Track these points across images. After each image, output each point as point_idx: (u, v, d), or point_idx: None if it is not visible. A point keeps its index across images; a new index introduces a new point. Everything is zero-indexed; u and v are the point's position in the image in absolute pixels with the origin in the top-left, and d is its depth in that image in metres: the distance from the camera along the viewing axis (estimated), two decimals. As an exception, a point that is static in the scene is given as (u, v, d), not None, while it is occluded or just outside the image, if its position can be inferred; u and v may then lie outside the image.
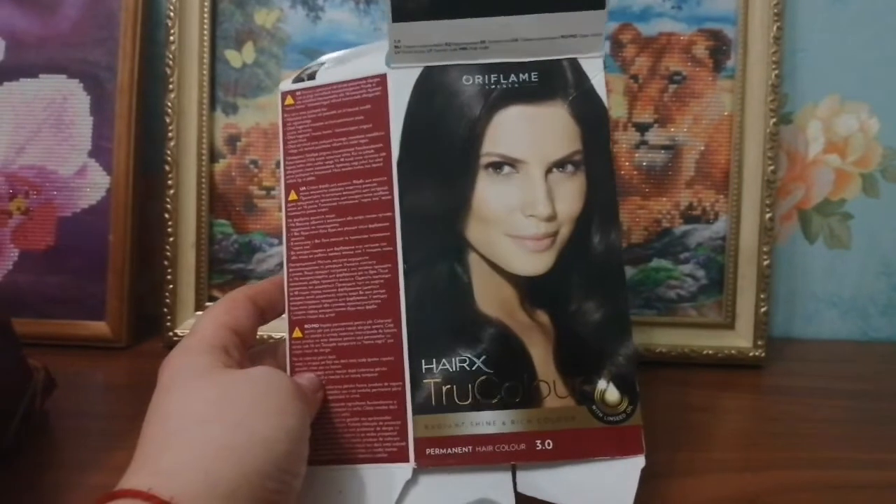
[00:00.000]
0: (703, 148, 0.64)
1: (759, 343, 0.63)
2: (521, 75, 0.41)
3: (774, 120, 0.63)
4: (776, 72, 0.63)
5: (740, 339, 0.64)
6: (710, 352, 0.63)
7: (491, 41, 0.40)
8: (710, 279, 0.65)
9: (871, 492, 0.45)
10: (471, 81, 0.41)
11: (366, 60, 0.43)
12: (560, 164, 0.40)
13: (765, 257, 0.63)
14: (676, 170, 0.64)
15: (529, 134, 0.40)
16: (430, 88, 0.41)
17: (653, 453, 0.39)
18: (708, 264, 0.65)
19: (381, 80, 0.41)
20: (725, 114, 0.64)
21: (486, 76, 0.41)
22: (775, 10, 0.63)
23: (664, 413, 0.54)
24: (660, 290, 0.65)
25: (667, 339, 0.64)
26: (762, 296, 0.63)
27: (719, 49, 0.64)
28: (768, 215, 0.63)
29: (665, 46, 0.64)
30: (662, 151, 0.64)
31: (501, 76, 0.41)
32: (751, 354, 0.63)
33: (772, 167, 0.63)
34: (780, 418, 0.55)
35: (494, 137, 0.40)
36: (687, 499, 0.44)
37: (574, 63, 0.41)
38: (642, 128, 0.64)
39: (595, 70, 0.41)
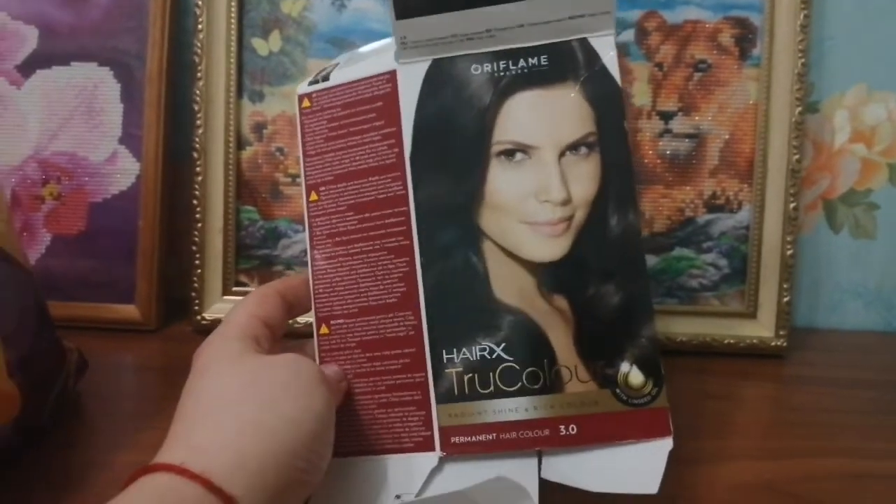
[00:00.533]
0: (727, 137, 0.64)
1: (781, 333, 0.63)
2: (530, 59, 0.40)
3: (800, 109, 0.62)
4: (802, 60, 0.62)
5: (762, 328, 0.64)
6: (732, 341, 0.63)
7: (497, 29, 0.40)
8: (732, 268, 0.65)
9: (890, 481, 0.46)
10: (480, 70, 0.41)
11: (377, 58, 0.43)
12: (573, 147, 0.40)
13: (788, 247, 0.63)
14: (700, 158, 0.64)
15: (540, 118, 0.40)
16: (439, 81, 0.41)
17: (673, 440, 0.39)
18: (731, 254, 0.65)
19: (391, 76, 0.42)
20: (751, 102, 0.64)
21: (496, 63, 0.41)
22: (802, -2, 0.62)
23: (685, 401, 0.54)
24: (682, 279, 0.65)
25: (688, 327, 0.64)
26: (785, 286, 0.63)
27: (745, 37, 0.64)
28: (792, 205, 0.63)
29: (690, 34, 0.64)
30: (686, 140, 0.64)
31: (511, 62, 0.40)
32: (773, 344, 0.63)
33: (797, 156, 0.62)
34: (800, 408, 0.55)
35: (505, 125, 0.40)
36: (706, 485, 0.44)
37: (584, 43, 0.40)
38: (666, 116, 0.64)
39: (606, 48, 0.40)
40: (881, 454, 0.48)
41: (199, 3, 0.65)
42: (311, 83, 0.44)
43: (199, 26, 0.65)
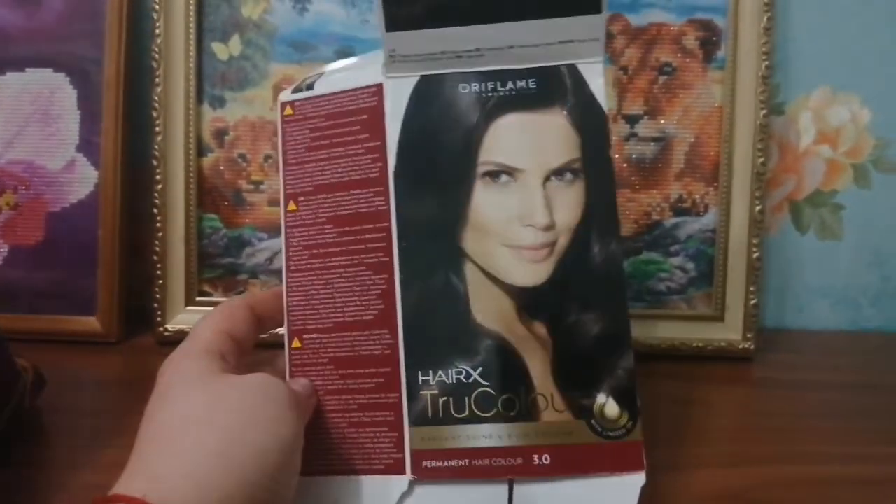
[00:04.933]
0: (692, 140, 0.64)
1: (749, 335, 0.63)
2: (518, 82, 0.40)
3: (765, 111, 0.62)
4: (767, 63, 0.62)
5: (730, 331, 0.64)
6: (700, 344, 0.63)
7: (486, 49, 0.40)
8: (699, 272, 0.65)
9: (857, 487, 0.46)
10: (468, 89, 0.40)
11: (363, 70, 0.42)
12: (558, 172, 0.40)
13: (754, 249, 0.63)
14: (666, 162, 0.64)
15: (527, 142, 0.40)
16: (426, 97, 0.41)
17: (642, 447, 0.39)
18: (698, 257, 0.65)
19: (378, 89, 0.41)
20: (716, 105, 0.64)
21: (483, 84, 0.40)
22: (766, 0, 0.62)
23: (652, 407, 0.53)
24: (650, 282, 0.65)
25: (656, 331, 0.64)
26: (752, 288, 0.63)
27: (709, 40, 0.63)
28: (758, 207, 0.63)
29: (655, 37, 0.64)
30: (652, 143, 0.64)
31: (499, 83, 0.40)
32: (740, 347, 0.63)
33: (761, 159, 0.63)
34: (768, 412, 0.55)
35: (492, 146, 0.40)
36: (673, 496, 0.44)
37: (573, 69, 0.40)
38: (632, 120, 0.64)
39: (594, 75, 0.40)
40: (847, 459, 0.48)
41: (157, 6, 0.63)
42: (294, 91, 0.43)
43: (157, 30, 0.63)
